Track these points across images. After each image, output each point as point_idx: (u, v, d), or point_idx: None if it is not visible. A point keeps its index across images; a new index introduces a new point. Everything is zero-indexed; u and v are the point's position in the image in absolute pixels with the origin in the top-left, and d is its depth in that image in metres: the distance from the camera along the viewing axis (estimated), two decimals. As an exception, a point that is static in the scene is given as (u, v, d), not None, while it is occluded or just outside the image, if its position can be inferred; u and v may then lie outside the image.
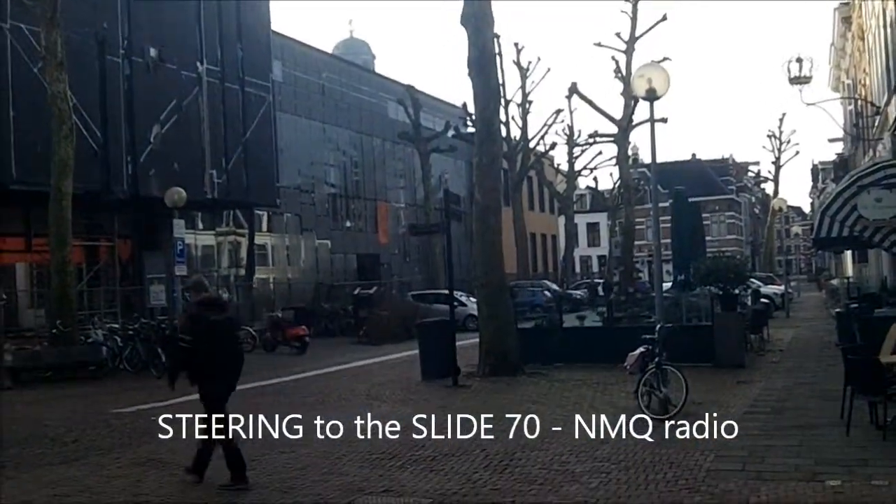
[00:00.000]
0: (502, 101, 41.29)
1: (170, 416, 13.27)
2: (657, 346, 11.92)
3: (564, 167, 57.94)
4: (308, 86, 41.07)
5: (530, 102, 49.23)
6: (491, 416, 11.97)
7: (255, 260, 36.11)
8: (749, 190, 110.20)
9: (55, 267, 21.18)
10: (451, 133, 45.57)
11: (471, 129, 45.49)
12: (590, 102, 37.96)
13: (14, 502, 8.09)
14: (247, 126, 32.64)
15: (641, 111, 35.24)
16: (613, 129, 37.41)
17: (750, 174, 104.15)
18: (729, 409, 12.01)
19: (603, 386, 14.60)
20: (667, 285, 36.01)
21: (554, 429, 10.90)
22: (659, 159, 13.53)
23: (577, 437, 10.37)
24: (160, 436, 11.47)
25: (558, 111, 49.00)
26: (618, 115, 36.85)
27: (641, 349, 12.35)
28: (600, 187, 67.40)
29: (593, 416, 11.77)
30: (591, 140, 43.71)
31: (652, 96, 12.93)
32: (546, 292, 41.76)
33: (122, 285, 29.49)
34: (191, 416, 13.12)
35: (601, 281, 52.44)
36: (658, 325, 12.26)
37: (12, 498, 8.25)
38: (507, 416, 11.94)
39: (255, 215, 36.26)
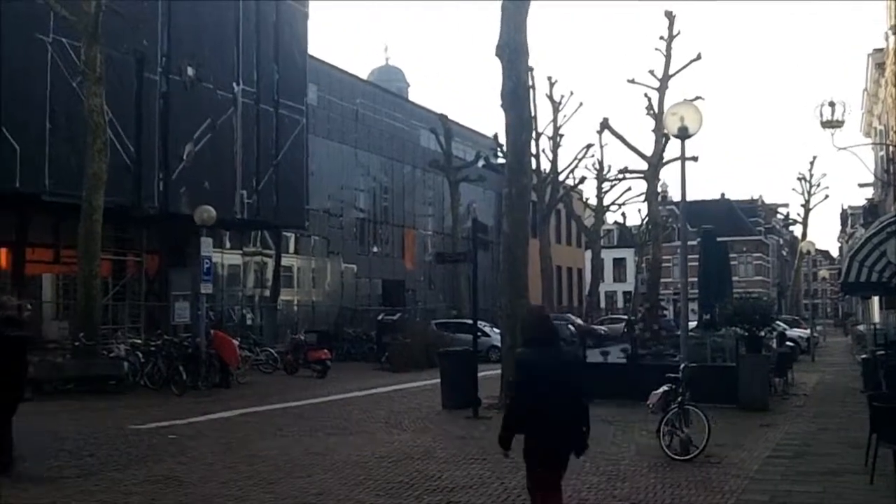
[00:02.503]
0: (534, 133, 41.46)
1: (188, 434, 13.32)
2: (681, 385, 11.76)
3: (593, 201, 57.79)
4: (342, 111, 41.35)
5: (561, 136, 49.22)
6: (513, 449, 11.82)
7: (280, 281, 36.20)
8: (777, 232, 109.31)
9: (82, 280, 21.32)
10: (481, 163, 45.66)
11: (501, 160, 45.68)
12: (621, 138, 37.88)
13: (30, 514, 8.07)
14: (279, 148, 32.93)
15: (672, 148, 35.13)
16: (644, 166, 37.27)
17: (779, 216, 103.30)
18: (752, 452, 11.80)
19: (624, 423, 14.42)
20: (692, 324, 35.81)
21: (572, 465, 10.72)
22: (688, 197, 13.44)
23: (595, 474, 10.21)
24: (177, 454, 11.45)
25: (589, 146, 48.97)
26: (648, 151, 36.74)
27: (665, 388, 12.18)
28: (628, 223, 67.07)
29: (615, 453, 11.64)
30: (620, 176, 43.54)
31: (684, 134, 12.88)
32: (570, 326, 41.47)
33: (148, 301, 29.66)
34: (211, 434, 13.20)
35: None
36: (682, 365, 12.10)
37: (27, 510, 8.23)
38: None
39: (282, 237, 36.43)
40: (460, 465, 10.73)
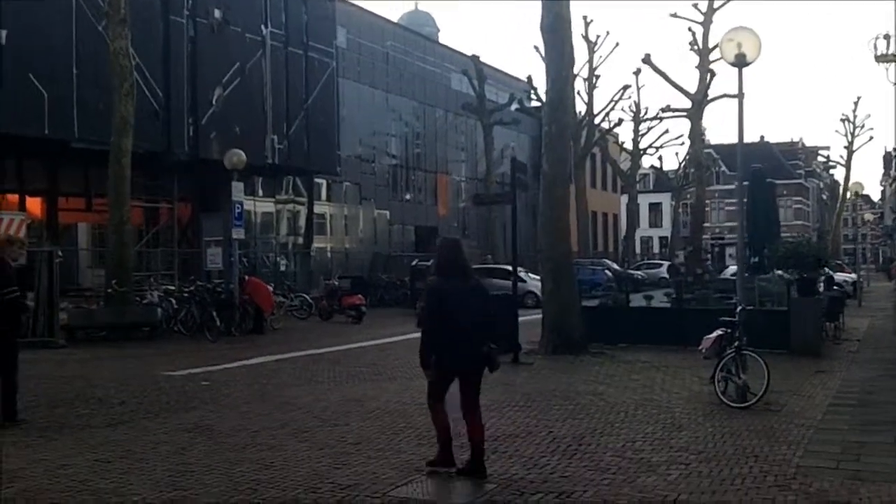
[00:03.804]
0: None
1: (221, 380, 12.94)
2: (737, 329, 11.13)
3: (629, 145, 56.68)
4: (372, 53, 40.53)
5: (597, 77, 48.13)
6: (556, 396, 11.34)
7: (313, 228, 35.86)
8: (817, 175, 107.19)
9: (113, 226, 21.00)
10: (514, 106, 44.68)
11: (535, 103, 44.74)
12: (663, 75, 36.67)
13: (53, 466, 7.65)
14: (309, 92, 32.30)
15: (717, 85, 34.00)
16: (686, 104, 36.14)
17: (820, 159, 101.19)
18: (811, 399, 11.17)
19: (673, 369, 13.83)
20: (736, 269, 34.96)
21: (624, 413, 10.20)
22: (727, 140, 12.68)
23: (648, 422, 9.65)
24: (210, 402, 11.05)
25: (625, 87, 47.82)
26: (691, 89, 35.59)
27: (718, 332, 11.58)
28: (665, 167, 65.83)
29: (666, 400, 11.08)
30: (662, 114, 42.33)
31: (741, 62, 12.08)
32: (607, 271, 40.82)
33: (181, 248, 29.46)
34: (245, 381, 12.80)
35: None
36: (739, 308, 11.45)
37: (52, 462, 7.82)
38: (573, 396, 11.32)
39: (314, 184, 36.00)
40: (504, 412, 10.20)
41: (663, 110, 40.48)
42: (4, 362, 9.51)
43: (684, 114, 36.74)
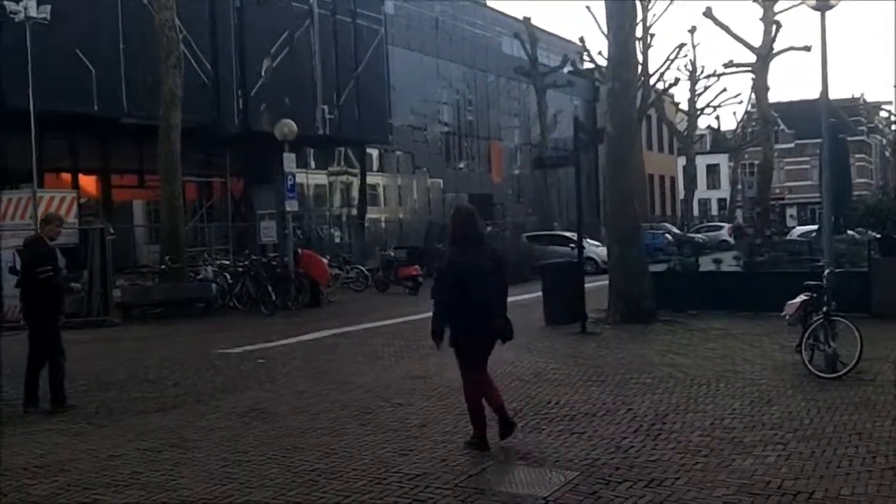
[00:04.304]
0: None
1: (278, 357, 12.49)
2: (824, 294, 10.30)
3: (684, 106, 55.12)
4: (421, 19, 39.70)
5: (652, 36, 46.49)
6: (630, 368, 10.64)
7: (366, 199, 35.42)
8: (880, 131, 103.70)
9: (164, 201, 20.73)
10: (567, 69, 43.52)
11: (588, 65, 43.56)
12: (725, 28, 35.21)
13: (101, 456, 7.20)
14: (358, 60, 31.66)
15: (783, 39, 32.56)
16: (749, 59, 34.71)
17: (882, 114, 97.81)
18: (909, 368, 10.33)
19: (750, 337, 13.02)
20: (807, 228, 33.57)
21: (706, 386, 9.49)
22: (785, 98, 11.74)
23: (734, 396, 8.93)
24: (266, 381, 10.58)
25: (681, 45, 46.20)
26: (755, 43, 34.14)
27: (803, 297, 10.75)
28: (722, 127, 64.04)
29: (749, 371, 10.32)
30: (725, 70, 40.72)
31: (824, 6, 11.13)
32: (667, 235, 39.76)
33: (235, 222, 29.21)
34: (302, 358, 12.33)
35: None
36: (826, 271, 10.60)
37: (101, 451, 7.38)
38: (649, 369, 10.62)
39: (366, 154, 35.50)
40: (577, 387, 9.55)
41: (726, 65, 39.04)
42: (48, 346, 9.09)
43: (748, 69, 35.32)
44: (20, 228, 17.95)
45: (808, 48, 31.05)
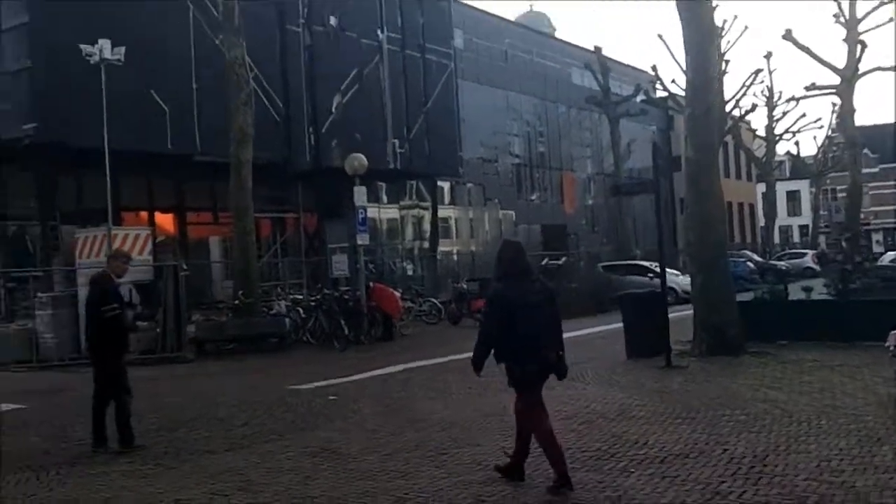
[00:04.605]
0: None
1: (350, 394, 12.14)
2: (933, 321, 9.54)
3: (762, 132, 53.83)
4: (490, 52, 39.61)
5: (727, 62, 45.56)
6: (722, 404, 9.96)
7: (438, 232, 35.21)
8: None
9: (237, 237, 20.73)
10: (640, 98, 42.84)
11: (661, 93, 42.78)
12: (807, 50, 34.14)
13: (167, 500, 6.90)
14: (428, 94, 31.61)
15: (868, 59, 31.45)
16: (832, 80, 33.56)
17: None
18: None
19: (848, 369, 12.19)
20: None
21: (806, 424, 8.79)
22: (868, 121, 10.98)
23: (839, 435, 8.23)
24: (337, 419, 10.21)
25: (757, 71, 45.13)
26: (838, 65, 33.01)
27: (909, 326, 9.99)
28: (802, 153, 62.29)
29: (852, 407, 9.56)
30: (806, 93, 39.39)
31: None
32: (749, 263, 38.61)
33: (308, 257, 29.24)
34: (374, 394, 11.95)
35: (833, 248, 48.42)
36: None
37: (167, 495, 7.08)
38: (742, 404, 9.92)
39: (437, 187, 35.36)
40: (665, 425, 8.94)
41: (808, 88, 37.74)
42: (112, 384, 8.87)
43: (832, 90, 34.16)
44: (96, 266, 18.05)
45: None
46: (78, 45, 18.30)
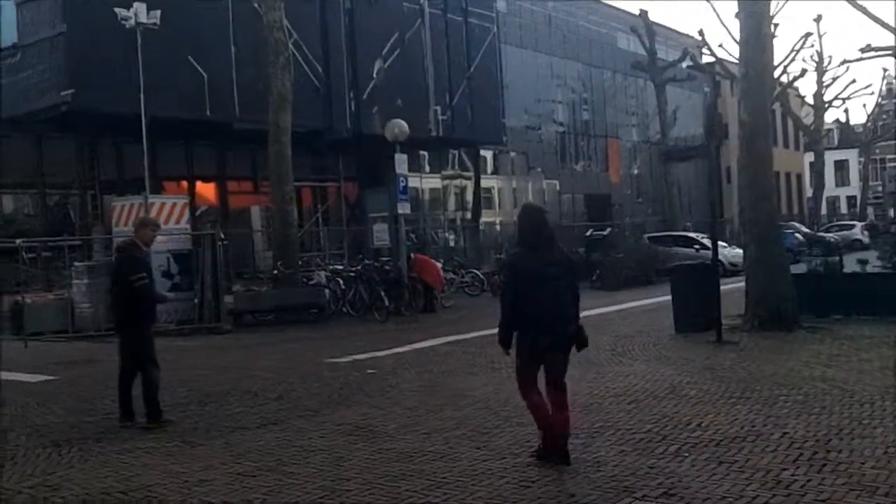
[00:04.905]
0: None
1: (389, 367, 11.78)
2: None
3: (810, 99, 52.33)
4: (533, 16, 38.76)
5: (775, 26, 44.12)
6: (778, 383, 9.41)
7: (481, 202, 34.67)
8: None
9: (276, 205, 20.43)
10: (686, 63, 41.72)
11: (708, 59, 41.61)
12: (862, 9, 32.72)
13: (191, 481, 6.55)
14: (471, 60, 30.98)
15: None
16: (890, 42, 32.13)
17: None
18: None
19: (912, 347, 11.54)
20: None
21: (869, 405, 8.22)
22: None
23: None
24: (374, 394, 9.84)
25: (807, 35, 43.72)
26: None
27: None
28: (851, 121, 60.57)
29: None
30: (861, 55, 37.88)
31: None
32: (797, 235, 37.56)
33: (350, 226, 28.93)
34: (414, 368, 11.55)
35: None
36: None
37: (191, 474, 6.73)
38: (800, 383, 9.36)
39: (480, 157, 34.79)
40: (719, 405, 8.42)
41: (863, 50, 36.30)
42: (139, 357, 8.55)
43: (890, 52, 32.83)
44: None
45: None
46: (113, 9, 17.99)
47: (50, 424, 8.81)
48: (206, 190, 27.33)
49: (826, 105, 51.35)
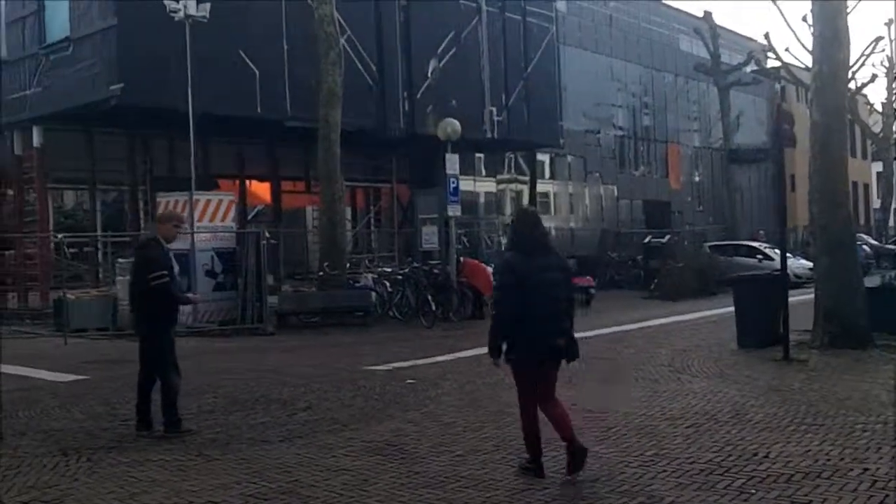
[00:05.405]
0: (809, 28, 35.35)
1: (430, 377, 11.12)
2: None
3: (878, 107, 50.45)
4: (594, 16, 37.82)
5: (848, 28, 42.73)
6: (853, 408, 8.52)
7: (537, 206, 33.85)
8: None
9: (324, 204, 19.94)
10: (750, 68, 40.43)
11: (773, 63, 40.27)
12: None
13: (199, 501, 5.96)
14: (528, 60, 30.23)
15: None
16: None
17: None
18: None
19: None
20: None
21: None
22: None
23: None
24: (411, 408, 9.18)
25: (878, 39, 42.10)
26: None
27: None
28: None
29: None
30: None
31: None
32: (864, 247, 36.03)
33: (402, 228, 28.43)
34: (456, 379, 10.85)
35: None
36: None
37: (201, 493, 6.12)
38: (878, 409, 8.46)
39: (536, 161, 34.02)
40: (789, 433, 7.58)
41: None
42: (158, 361, 8.02)
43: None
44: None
45: None
46: (163, 1, 17.64)
47: (65, 429, 8.33)
48: (261, 189, 27.07)
49: (896, 112, 49.46)
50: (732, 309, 13.61)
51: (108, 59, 19.39)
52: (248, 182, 26.52)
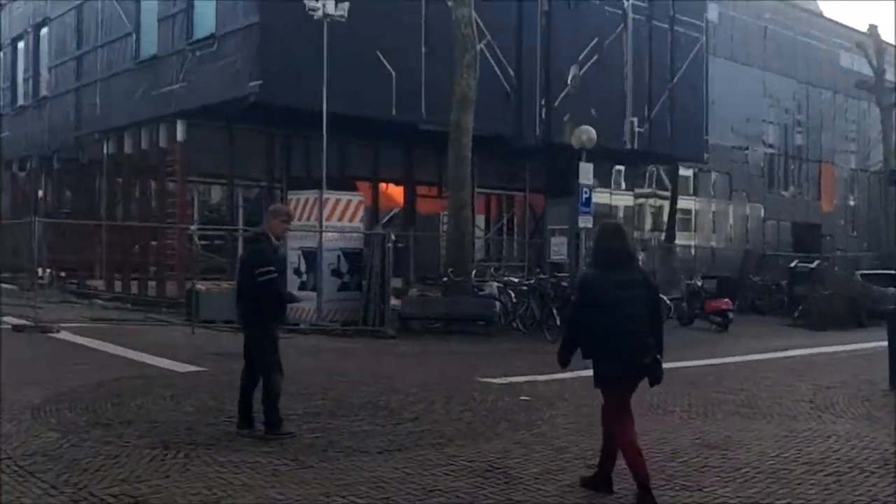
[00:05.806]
0: None
1: (546, 395, 10.55)
2: None
3: None
4: (747, 28, 36.30)
5: None
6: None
7: (675, 223, 32.64)
8: None
9: (452, 209, 19.65)
10: (920, 88, 37.94)
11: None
12: None
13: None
14: (674, 70, 29.21)
15: None
16: None
17: None
18: None
19: None
20: None
21: None
22: None
23: None
24: (521, 427, 8.63)
25: None
26: None
27: None
28: None
29: None
30: None
31: None
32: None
33: (533, 238, 27.93)
34: (573, 400, 10.21)
35: None
36: None
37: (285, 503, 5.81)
38: None
39: (678, 175, 32.81)
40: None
41: None
42: (261, 359, 7.77)
43: None
44: (306, 230, 17.61)
45: None
46: (303, 0, 17.73)
47: (170, 422, 8.21)
48: (395, 193, 27.12)
49: None
50: (885, 344, 12.38)
51: (249, 55, 19.72)
52: (381, 185, 26.63)
